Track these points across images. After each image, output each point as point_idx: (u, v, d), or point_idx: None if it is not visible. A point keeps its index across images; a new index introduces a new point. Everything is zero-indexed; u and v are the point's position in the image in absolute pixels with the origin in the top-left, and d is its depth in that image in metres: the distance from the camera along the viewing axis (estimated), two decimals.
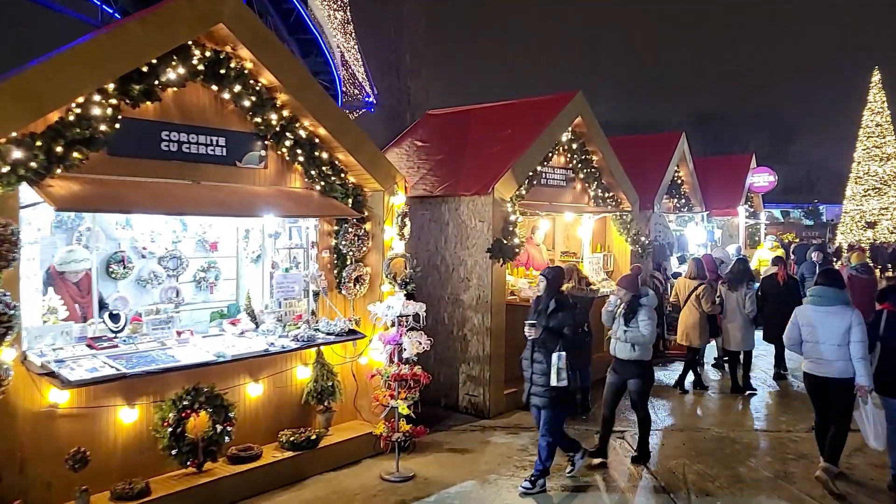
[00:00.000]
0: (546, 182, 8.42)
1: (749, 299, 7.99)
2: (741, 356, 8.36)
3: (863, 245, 25.64)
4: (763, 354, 9.32)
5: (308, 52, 32.60)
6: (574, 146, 8.65)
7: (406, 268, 6.02)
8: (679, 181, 12.20)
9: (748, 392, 8.14)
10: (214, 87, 5.00)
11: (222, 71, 4.94)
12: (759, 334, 8.62)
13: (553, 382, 4.92)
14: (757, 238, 15.97)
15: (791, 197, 48.49)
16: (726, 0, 79.92)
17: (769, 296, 8.64)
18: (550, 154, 8.19)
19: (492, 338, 7.09)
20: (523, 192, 7.60)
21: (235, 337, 5.18)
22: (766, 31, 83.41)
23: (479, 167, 7.62)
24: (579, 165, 8.78)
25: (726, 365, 8.74)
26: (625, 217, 9.43)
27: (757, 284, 9.04)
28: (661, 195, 10.99)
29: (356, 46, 35.72)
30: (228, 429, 4.91)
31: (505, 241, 7.11)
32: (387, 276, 5.88)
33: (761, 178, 15.41)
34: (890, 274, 19.89)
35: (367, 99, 42.99)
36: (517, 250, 7.24)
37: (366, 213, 6.07)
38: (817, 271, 10.77)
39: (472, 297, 7.28)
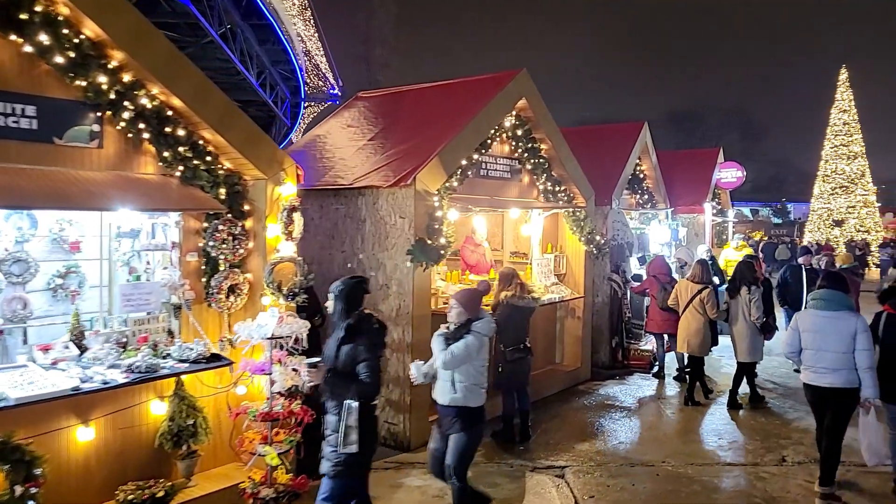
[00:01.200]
0: (486, 173, 7.32)
1: (755, 305, 7.17)
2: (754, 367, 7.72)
3: (831, 243, 25.24)
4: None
5: (265, 40, 31.10)
6: (519, 133, 7.57)
7: (296, 275, 4.88)
8: (641, 175, 11.19)
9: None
10: (15, 38, 3.77)
11: (23, 16, 3.71)
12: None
13: (339, 446, 3.53)
14: (724, 237, 15.15)
15: (760, 195, 48.55)
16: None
17: None
18: (490, 141, 7.08)
19: (413, 356, 5.93)
20: (455, 183, 6.49)
21: (44, 369, 3.96)
22: (740, 29, 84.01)
23: (403, 155, 6.49)
24: (525, 155, 7.71)
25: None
26: (578, 213, 8.39)
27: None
28: (621, 190, 9.97)
29: (317, 35, 34.27)
30: (32, 490, 3.68)
31: (429, 241, 6.00)
32: (269, 286, 4.72)
33: (729, 174, 14.61)
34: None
35: (331, 91, 41.50)
36: (443, 252, 6.13)
37: (246, 207, 4.90)
38: (820, 276, 9.89)
39: (392, 308, 6.15)
